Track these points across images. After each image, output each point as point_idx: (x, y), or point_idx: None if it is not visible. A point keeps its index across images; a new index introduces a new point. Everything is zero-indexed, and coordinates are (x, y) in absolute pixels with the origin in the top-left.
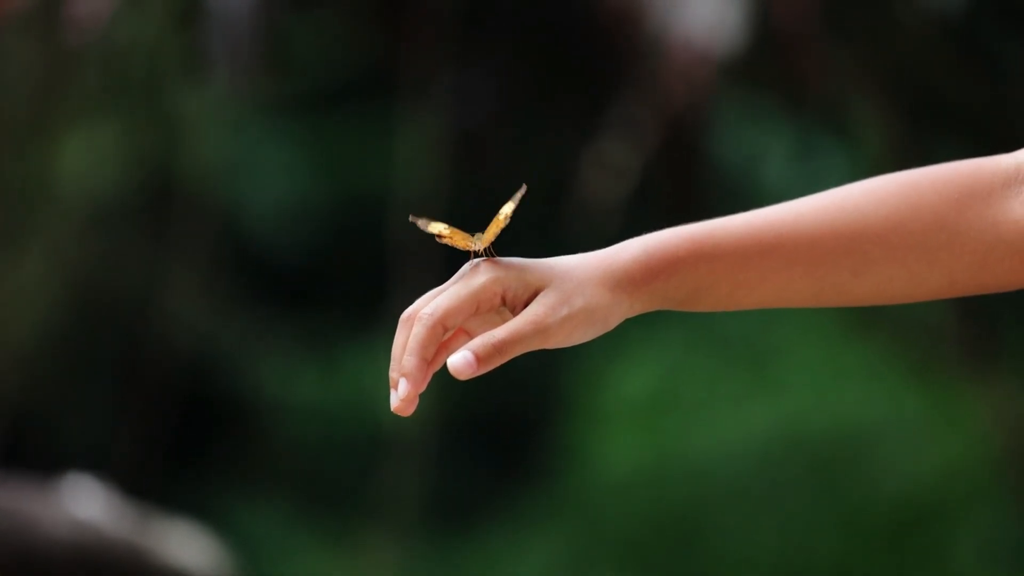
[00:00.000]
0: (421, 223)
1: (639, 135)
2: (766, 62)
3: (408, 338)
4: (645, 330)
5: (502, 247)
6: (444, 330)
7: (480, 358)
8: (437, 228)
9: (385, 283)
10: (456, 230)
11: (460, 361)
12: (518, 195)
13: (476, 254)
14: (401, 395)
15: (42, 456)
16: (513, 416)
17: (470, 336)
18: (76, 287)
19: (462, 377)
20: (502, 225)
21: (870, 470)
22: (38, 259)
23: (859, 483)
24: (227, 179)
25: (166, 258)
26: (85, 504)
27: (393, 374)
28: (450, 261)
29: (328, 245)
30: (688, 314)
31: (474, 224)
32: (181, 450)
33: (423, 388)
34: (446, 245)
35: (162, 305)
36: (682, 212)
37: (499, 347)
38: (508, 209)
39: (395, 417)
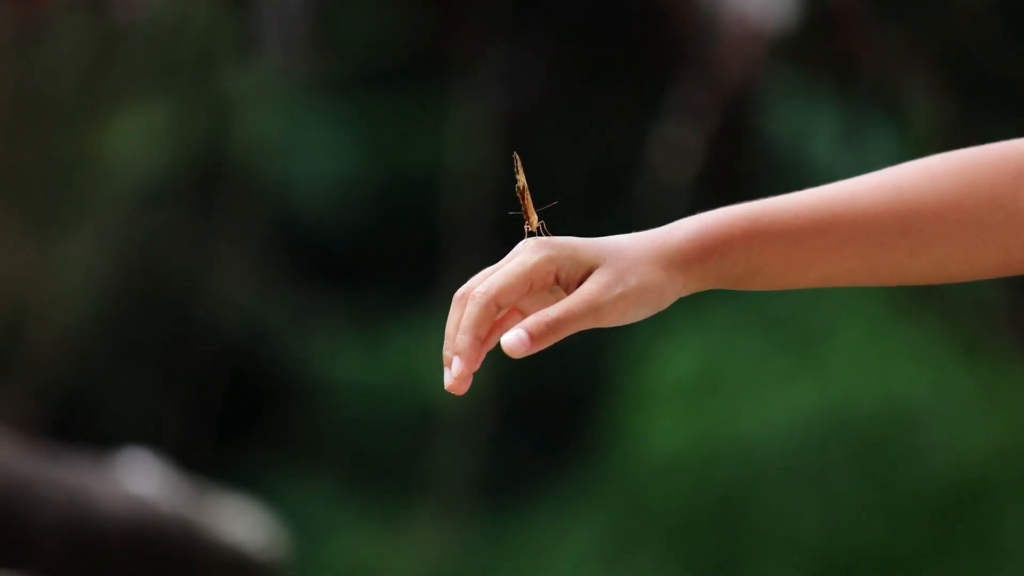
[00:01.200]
0: (518, 162)
1: (699, 115)
2: (817, 40)
3: (462, 317)
4: (690, 310)
5: (556, 226)
6: (497, 309)
7: (533, 337)
8: (523, 180)
9: (433, 262)
10: (530, 199)
11: (513, 340)
12: (517, 164)
13: (530, 233)
14: (455, 373)
15: (93, 432)
16: (558, 396)
17: (523, 315)
18: (127, 266)
19: (516, 356)
20: (528, 197)
21: (917, 451)
22: (89, 238)
23: (906, 464)
24: (277, 159)
25: (216, 237)
26: (140, 479)
27: (447, 352)
28: (502, 240)
29: (376, 224)
30: (733, 294)
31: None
32: (230, 427)
33: (477, 367)
34: (508, 213)
35: (212, 283)
36: (733, 189)
37: (552, 326)
38: (521, 181)
39: (441, 396)
